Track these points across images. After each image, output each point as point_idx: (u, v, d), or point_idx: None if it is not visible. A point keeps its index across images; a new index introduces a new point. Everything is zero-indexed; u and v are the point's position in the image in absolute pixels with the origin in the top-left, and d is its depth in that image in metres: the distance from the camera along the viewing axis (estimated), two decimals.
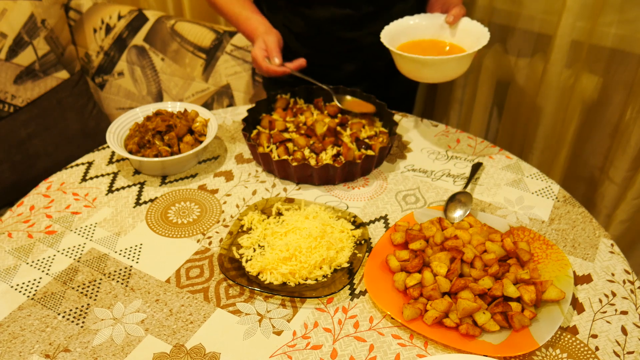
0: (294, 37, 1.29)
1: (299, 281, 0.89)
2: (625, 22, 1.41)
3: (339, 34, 1.26)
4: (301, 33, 1.29)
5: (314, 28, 1.26)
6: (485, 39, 1.09)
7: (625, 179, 1.56)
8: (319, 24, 1.25)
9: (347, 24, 1.24)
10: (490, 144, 1.21)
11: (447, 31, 1.18)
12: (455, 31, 1.17)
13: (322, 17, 1.20)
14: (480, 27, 1.14)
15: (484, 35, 1.11)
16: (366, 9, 1.23)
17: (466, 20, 1.17)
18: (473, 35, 1.14)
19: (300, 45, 1.30)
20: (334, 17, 1.21)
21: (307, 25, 1.26)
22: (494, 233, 0.94)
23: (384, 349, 0.81)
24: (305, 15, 1.25)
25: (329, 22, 1.22)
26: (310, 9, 1.21)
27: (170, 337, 0.83)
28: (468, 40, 1.15)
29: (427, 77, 1.12)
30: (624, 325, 0.84)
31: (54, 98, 1.68)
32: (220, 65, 1.66)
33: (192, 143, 1.14)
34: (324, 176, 1.08)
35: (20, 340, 0.83)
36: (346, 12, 1.22)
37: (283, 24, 1.28)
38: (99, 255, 0.96)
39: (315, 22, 1.25)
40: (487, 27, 1.12)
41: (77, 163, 1.17)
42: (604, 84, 1.52)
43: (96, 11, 1.80)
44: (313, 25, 1.26)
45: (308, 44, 1.30)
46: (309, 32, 1.28)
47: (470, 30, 1.15)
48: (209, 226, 1.02)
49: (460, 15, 1.16)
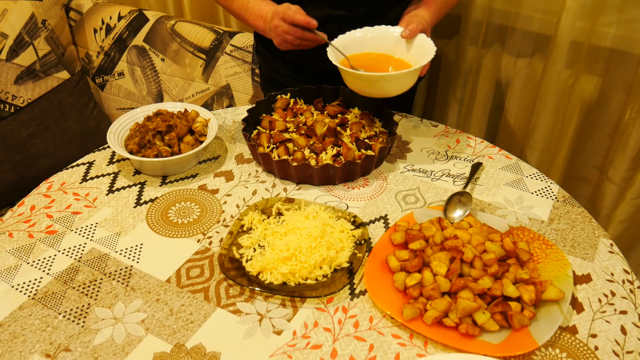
0: None
1: (299, 281, 0.90)
2: (624, 22, 1.41)
3: (331, 34, 1.26)
4: None
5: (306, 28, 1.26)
6: (427, 58, 1.06)
7: (624, 179, 1.56)
8: None
9: (339, 24, 1.24)
10: (490, 144, 1.21)
11: (402, 45, 1.15)
12: (411, 47, 1.14)
13: (315, 17, 1.20)
14: (429, 44, 1.10)
15: (428, 53, 1.07)
16: (360, 11, 1.23)
17: (422, 36, 1.13)
18: (424, 51, 1.10)
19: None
20: (327, 18, 1.21)
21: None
22: (494, 233, 0.94)
23: (383, 348, 0.81)
24: None
25: (321, 22, 1.22)
26: (304, 9, 1.21)
27: (171, 336, 0.83)
28: (419, 57, 1.11)
29: (367, 92, 1.09)
30: (624, 324, 0.84)
31: (55, 98, 1.69)
32: (220, 65, 1.66)
33: (193, 143, 1.14)
34: (324, 176, 1.09)
35: (21, 339, 0.83)
36: (339, 13, 1.22)
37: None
38: (100, 255, 0.96)
39: None
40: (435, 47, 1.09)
41: (78, 163, 1.17)
42: (604, 84, 1.52)
43: (96, 11, 1.80)
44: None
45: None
46: None
47: (423, 46, 1.12)
48: (209, 226, 1.02)
49: (416, 31, 1.13)
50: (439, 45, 1.13)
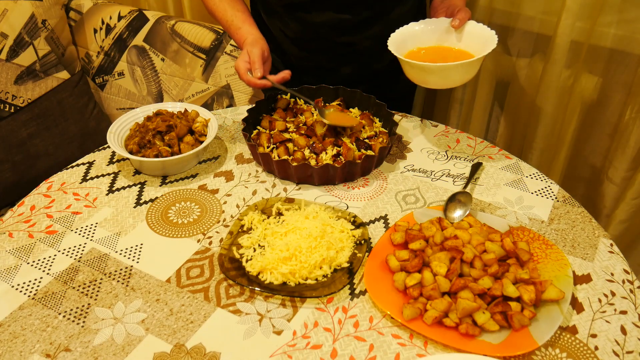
0: (290, 40, 1.29)
1: (299, 281, 0.90)
2: (624, 22, 1.41)
3: (336, 38, 1.26)
4: (298, 37, 1.28)
5: (312, 32, 1.26)
6: (493, 44, 1.07)
7: (624, 179, 1.56)
8: (317, 28, 1.25)
9: (345, 28, 1.23)
10: (490, 144, 1.21)
11: (453, 36, 1.16)
12: (462, 35, 1.15)
13: (320, 21, 1.20)
14: (487, 31, 1.12)
15: (491, 39, 1.08)
16: (365, 14, 1.22)
17: (472, 23, 1.15)
18: (480, 38, 1.12)
19: (297, 48, 1.30)
20: (333, 22, 1.21)
21: (304, 30, 1.26)
22: (494, 233, 0.94)
23: (383, 348, 0.81)
24: (303, 19, 1.25)
25: (327, 26, 1.22)
26: (309, 13, 1.21)
27: (171, 336, 0.83)
28: (475, 44, 1.13)
29: (434, 84, 1.11)
30: (623, 324, 0.84)
31: (55, 98, 1.69)
32: (220, 65, 1.66)
33: (193, 143, 1.14)
34: (324, 176, 1.09)
35: (21, 339, 0.83)
36: (345, 17, 1.22)
37: (279, 28, 1.28)
38: (100, 255, 0.96)
39: (313, 26, 1.25)
40: (494, 30, 1.10)
41: (78, 163, 1.17)
42: (604, 84, 1.52)
43: (96, 11, 1.80)
44: (311, 30, 1.26)
45: (305, 47, 1.30)
46: (306, 36, 1.28)
47: (477, 34, 1.13)
48: (209, 226, 1.02)
49: (465, 19, 1.14)
50: None
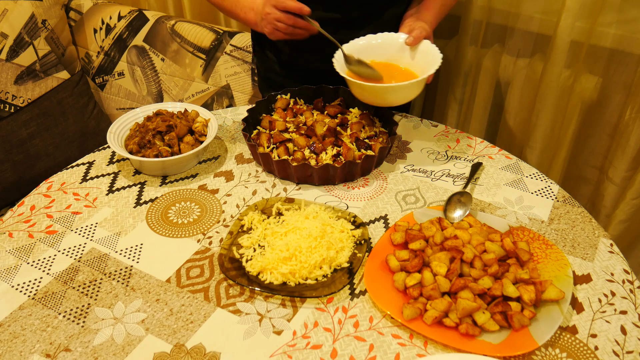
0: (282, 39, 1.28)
1: (299, 281, 0.90)
2: (624, 22, 1.41)
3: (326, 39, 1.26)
4: None
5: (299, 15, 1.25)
6: (433, 68, 1.06)
7: (624, 179, 1.56)
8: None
9: (335, 27, 1.23)
10: (489, 144, 1.21)
11: (406, 53, 1.14)
12: (414, 54, 1.14)
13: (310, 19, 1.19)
14: (435, 51, 1.10)
15: (434, 62, 1.07)
16: (355, 14, 1.22)
17: (426, 43, 1.13)
18: (429, 59, 1.10)
19: (288, 47, 1.30)
20: (322, 21, 1.21)
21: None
22: (494, 233, 0.94)
23: (383, 348, 0.81)
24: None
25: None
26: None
27: (171, 336, 0.83)
28: (424, 64, 1.11)
29: (371, 102, 1.12)
30: (623, 324, 0.84)
31: (55, 98, 1.69)
32: (220, 65, 1.66)
33: (193, 143, 1.14)
34: (324, 176, 1.09)
35: (21, 339, 0.83)
36: (334, 15, 1.21)
37: None
38: (100, 255, 0.96)
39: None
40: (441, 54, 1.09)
41: (78, 163, 1.18)
42: (603, 84, 1.52)
43: (96, 11, 1.80)
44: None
45: (296, 46, 1.29)
46: None
47: (428, 53, 1.11)
48: (209, 226, 1.02)
49: (420, 38, 1.12)
50: (439, 45, 1.13)
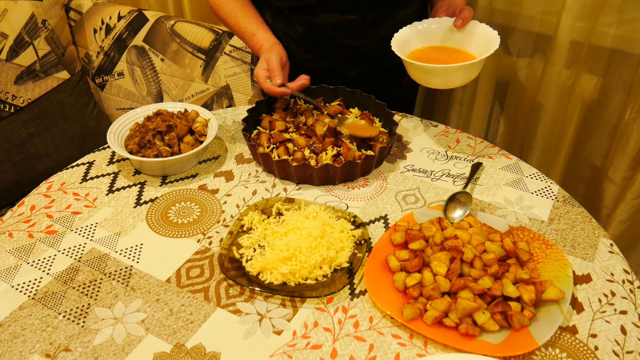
0: (295, 42, 1.29)
1: (299, 281, 0.90)
2: (624, 22, 1.41)
3: (342, 40, 1.26)
4: (303, 39, 1.28)
5: (317, 34, 1.26)
6: (495, 44, 1.07)
7: (624, 179, 1.56)
8: (322, 29, 1.24)
9: (351, 29, 1.23)
10: (490, 144, 1.21)
11: (456, 35, 1.16)
12: (464, 35, 1.15)
13: (326, 23, 1.19)
14: (490, 31, 1.11)
15: (494, 40, 1.08)
16: (371, 15, 1.22)
17: (474, 23, 1.14)
18: (482, 39, 1.12)
19: (302, 50, 1.30)
20: (339, 24, 1.21)
21: (310, 32, 1.26)
22: (494, 233, 0.94)
23: (383, 348, 0.81)
24: (308, 21, 1.24)
25: (333, 28, 1.21)
26: (316, 16, 1.20)
27: (171, 336, 0.83)
28: (477, 45, 1.13)
29: (436, 84, 1.11)
30: (623, 324, 0.84)
31: (55, 98, 1.69)
32: (219, 66, 1.66)
33: (193, 143, 1.14)
34: (324, 176, 1.09)
35: (21, 339, 0.83)
36: (351, 17, 1.22)
37: (284, 30, 1.28)
38: (100, 255, 0.96)
39: (319, 28, 1.24)
40: (496, 31, 1.10)
41: (78, 163, 1.17)
42: (604, 84, 1.52)
43: (96, 11, 1.80)
44: (317, 32, 1.25)
45: (310, 49, 1.30)
46: (311, 38, 1.27)
47: (480, 34, 1.13)
48: (209, 226, 1.02)
49: (468, 19, 1.13)
50: None
